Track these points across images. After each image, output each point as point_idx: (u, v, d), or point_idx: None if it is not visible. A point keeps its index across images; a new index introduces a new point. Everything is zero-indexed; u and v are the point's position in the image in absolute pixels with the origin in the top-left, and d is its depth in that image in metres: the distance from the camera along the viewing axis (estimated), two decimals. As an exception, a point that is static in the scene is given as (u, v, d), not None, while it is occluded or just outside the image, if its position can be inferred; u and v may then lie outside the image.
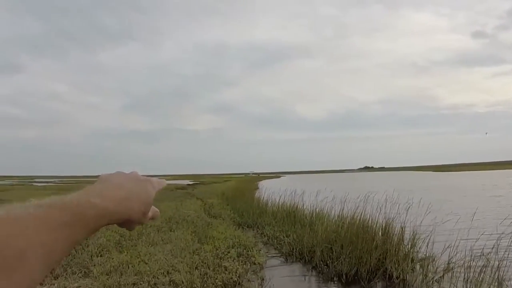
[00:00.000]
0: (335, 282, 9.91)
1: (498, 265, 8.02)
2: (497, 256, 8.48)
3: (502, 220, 11.31)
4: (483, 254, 8.74)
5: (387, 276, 9.83)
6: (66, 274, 9.17)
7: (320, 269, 10.74)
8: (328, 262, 10.71)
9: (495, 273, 7.83)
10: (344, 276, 9.86)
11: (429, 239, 10.58)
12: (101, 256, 11.06)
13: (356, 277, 9.85)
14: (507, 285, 7.84)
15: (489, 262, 8.29)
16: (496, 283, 7.71)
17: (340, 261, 10.25)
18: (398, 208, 12.35)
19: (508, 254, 8.56)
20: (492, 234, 10.98)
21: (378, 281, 9.69)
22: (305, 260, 11.71)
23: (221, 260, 10.30)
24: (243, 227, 17.25)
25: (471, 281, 7.91)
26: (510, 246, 8.81)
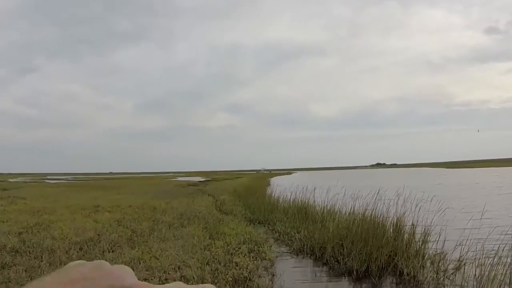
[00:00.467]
0: (346, 278, 9.90)
1: (510, 262, 7.97)
2: (509, 253, 8.42)
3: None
4: (494, 251, 8.67)
5: (398, 273, 9.79)
6: (78, 269, 9.25)
7: (331, 265, 10.75)
8: (339, 258, 10.71)
9: (506, 270, 7.77)
10: (354, 272, 9.86)
11: (440, 236, 10.53)
12: (113, 251, 11.16)
13: (366, 273, 9.84)
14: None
15: (501, 259, 8.22)
16: (508, 281, 7.65)
17: (351, 258, 10.24)
18: (410, 204, 12.29)
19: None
20: (504, 231, 10.91)
21: (389, 278, 9.68)
22: (316, 256, 11.71)
23: (232, 256, 10.34)
24: (254, 224, 17.29)
25: (482, 278, 7.85)
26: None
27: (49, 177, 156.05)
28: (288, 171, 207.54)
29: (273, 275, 9.78)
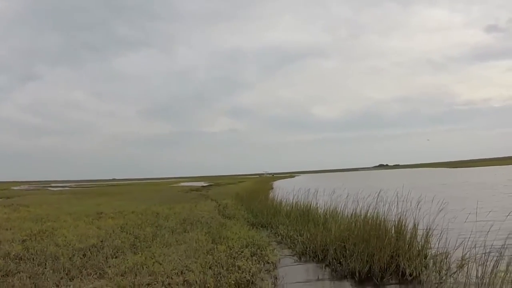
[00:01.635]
0: (348, 279, 9.91)
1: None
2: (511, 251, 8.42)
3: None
4: (495, 249, 8.67)
5: (400, 273, 9.79)
6: (82, 275, 9.32)
7: (333, 267, 10.77)
8: (341, 260, 10.71)
9: (508, 268, 7.78)
10: (357, 274, 9.85)
11: (443, 235, 10.53)
12: (116, 257, 11.20)
13: (369, 275, 9.84)
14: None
15: (503, 257, 8.22)
16: (511, 279, 7.66)
17: (353, 259, 10.23)
18: (411, 205, 12.30)
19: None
20: (507, 229, 10.89)
21: (391, 278, 9.68)
22: (319, 258, 11.74)
23: (235, 260, 10.37)
24: (257, 227, 17.32)
25: (484, 277, 7.85)
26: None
27: (52, 184, 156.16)
28: (291, 174, 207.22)
29: (276, 278, 9.80)
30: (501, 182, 44.22)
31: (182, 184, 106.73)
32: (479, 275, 8.06)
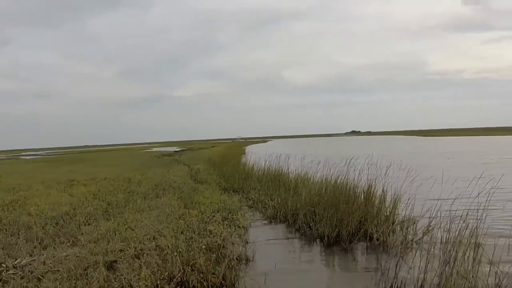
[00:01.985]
0: (317, 243, 10.18)
1: (476, 226, 8.21)
2: (475, 218, 8.65)
3: (477, 183, 11.37)
4: (459, 216, 8.90)
5: (368, 238, 10.11)
6: (55, 244, 9.34)
7: (303, 231, 11.02)
8: (311, 224, 10.98)
9: (472, 234, 8.02)
10: (326, 238, 10.12)
11: (410, 202, 10.81)
12: (88, 224, 11.23)
13: (337, 239, 10.10)
14: (483, 245, 8.06)
15: (468, 223, 8.45)
16: (473, 244, 7.90)
17: (323, 224, 10.49)
18: (381, 172, 12.55)
19: (486, 216, 8.74)
20: (470, 197, 11.18)
21: (359, 243, 9.97)
22: (289, 222, 12.01)
23: (206, 224, 10.50)
24: (228, 192, 17.49)
25: (449, 242, 8.08)
26: (487, 207, 8.97)
27: (24, 153, 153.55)
28: (264, 139, 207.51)
29: (247, 242, 10.00)
30: (468, 152, 45.17)
31: (155, 149, 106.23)
32: (443, 241, 8.31)
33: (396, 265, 7.44)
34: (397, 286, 7.13)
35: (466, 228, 8.01)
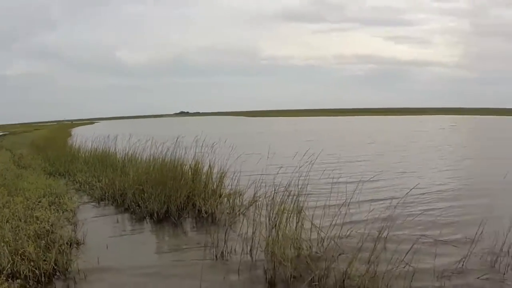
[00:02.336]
0: (148, 220, 10.30)
1: (298, 194, 8.85)
2: (297, 188, 9.34)
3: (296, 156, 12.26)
4: (283, 187, 9.54)
5: (196, 211, 10.50)
6: None
7: (132, 210, 11.05)
8: (139, 202, 11.00)
9: (295, 202, 8.64)
10: (155, 214, 10.29)
11: (236, 176, 11.38)
12: None
13: (167, 215, 10.33)
14: (304, 211, 8.74)
15: (290, 193, 9.07)
16: (296, 210, 8.54)
17: (151, 201, 10.59)
18: (208, 149, 12.97)
19: (306, 188, 9.47)
20: (294, 170, 12.03)
21: (188, 216, 10.30)
22: (118, 202, 11.92)
23: (33, 211, 9.88)
24: (54, 176, 16.64)
25: (273, 210, 8.62)
26: (308, 178, 9.72)
27: None
28: (91, 121, 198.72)
29: (75, 225, 9.70)
30: (292, 131, 48.50)
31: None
32: (268, 210, 8.87)
33: (225, 233, 7.85)
34: (228, 253, 7.56)
35: (288, 196, 8.60)
